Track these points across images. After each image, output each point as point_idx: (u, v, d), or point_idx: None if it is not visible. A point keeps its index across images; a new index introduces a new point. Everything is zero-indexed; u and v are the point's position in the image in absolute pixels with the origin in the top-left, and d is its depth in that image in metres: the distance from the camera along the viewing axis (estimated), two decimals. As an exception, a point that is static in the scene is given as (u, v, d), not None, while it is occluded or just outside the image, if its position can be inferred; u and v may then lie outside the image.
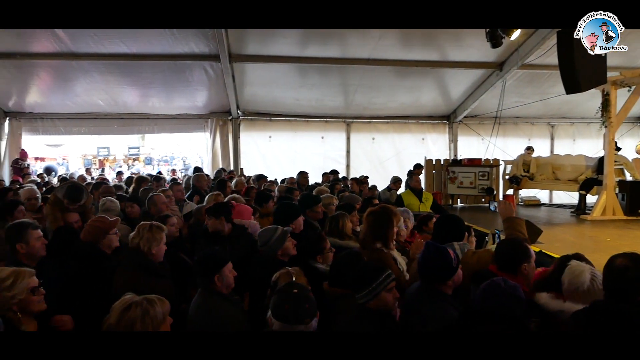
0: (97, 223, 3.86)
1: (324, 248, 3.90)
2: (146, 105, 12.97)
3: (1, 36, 9.39)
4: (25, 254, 3.42)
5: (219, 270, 3.03)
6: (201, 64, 10.71)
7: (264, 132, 13.71)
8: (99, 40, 9.58)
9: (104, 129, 14.05)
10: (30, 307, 2.65)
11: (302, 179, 9.65)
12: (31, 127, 13.48)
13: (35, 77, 11.58)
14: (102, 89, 11.95)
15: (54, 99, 12.76)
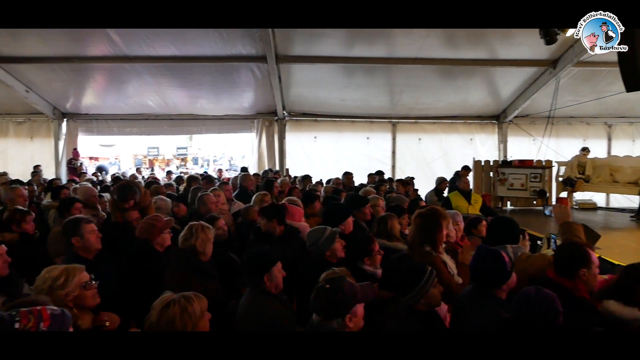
0: (152, 221, 3.96)
1: (372, 250, 3.84)
2: (195, 106, 13.26)
3: (60, 41, 9.81)
4: (81, 247, 3.54)
5: (268, 269, 3.04)
6: (248, 65, 10.83)
7: (309, 133, 13.76)
8: (150, 43, 9.85)
9: (154, 130, 14.50)
10: (84, 301, 2.72)
11: (347, 179, 9.60)
12: (87, 127, 14.09)
13: (91, 80, 12.07)
14: (153, 90, 12.31)
15: (108, 100, 13.26)
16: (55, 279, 2.67)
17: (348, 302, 2.48)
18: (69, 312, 2.14)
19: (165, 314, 2.32)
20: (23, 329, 1.93)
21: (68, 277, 2.68)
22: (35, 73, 11.44)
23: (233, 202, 6.91)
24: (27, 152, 13.74)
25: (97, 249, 3.63)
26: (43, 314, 2.00)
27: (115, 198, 4.83)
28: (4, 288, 3.11)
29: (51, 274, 2.70)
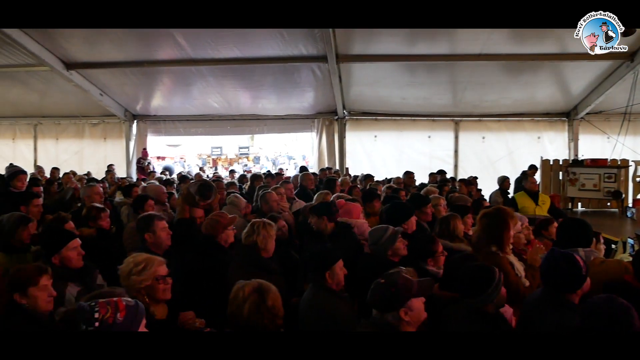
0: (217, 217, 4.08)
1: (435, 251, 3.77)
2: (256, 106, 13.55)
3: (131, 46, 10.31)
4: (153, 243, 3.70)
5: (330, 266, 3.07)
6: (309, 65, 10.92)
7: (369, 132, 13.69)
8: (215, 46, 10.14)
9: (218, 130, 14.95)
10: (155, 294, 2.82)
11: (408, 179, 9.47)
12: (155, 128, 14.75)
13: (159, 83, 12.62)
14: (216, 92, 12.68)
15: (175, 102, 13.81)
16: (136, 264, 2.81)
17: (402, 295, 2.50)
18: (142, 303, 2.25)
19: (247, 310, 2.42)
20: (101, 319, 2.05)
21: (146, 266, 2.81)
22: (109, 77, 12.10)
23: (295, 200, 6.98)
24: (100, 152, 14.55)
25: (167, 245, 3.77)
26: (119, 305, 2.12)
27: (194, 193, 5.02)
28: (79, 279, 3.30)
29: (135, 259, 2.86)
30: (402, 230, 4.00)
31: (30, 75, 11.84)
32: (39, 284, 2.66)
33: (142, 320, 2.17)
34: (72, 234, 3.50)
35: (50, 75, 11.53)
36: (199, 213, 5.03)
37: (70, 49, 10.45)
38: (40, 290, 2.66)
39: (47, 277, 2.72)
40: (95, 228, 4.66)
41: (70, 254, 3.30)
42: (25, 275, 2.67)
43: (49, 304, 2.70)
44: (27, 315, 2.63)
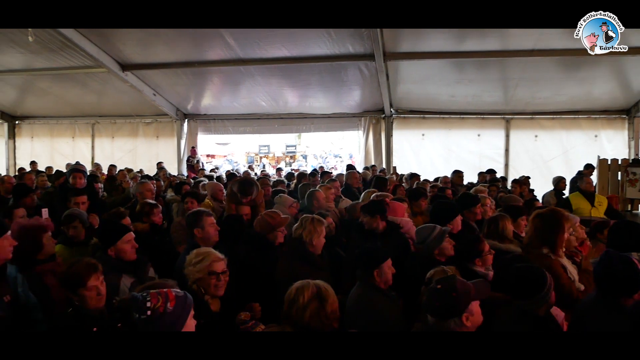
0: (269, 218, 4.16)
1: (482, 251, 3.69)
2: (304, 105, 13.64)
3: (183, 48, 10.59)
4: (201, 239, 3.82)
5: (378, 265, 3.08)
6: (356, 63, 10.89)
7: (416, 130, 13.51)
8: (263, 46, 10.28)
9: (266, 128, 15.15)
10: (207, 288, 2.92)
11: (457, 178, 9.28)
12: (205, 127, 15.14)
13: (209, 82, 12.93)
14: (264, 91, 12.85)
15: (224, 101, 14.11)
16: (196, 255, 2.94)
17: (463, 300, 2.41)
18: (190, 295, 2.34)
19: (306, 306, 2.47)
20: (153, 308, 2.15)
21: (202, 259, 2.92)
22: (161, 78, 12.48)
23: (341, 198, 7.00)
24: (153, 150, 15.05)
25: (215, 241, 3.87)
26: (169, 295, 2.21)
27: (236, 191, 5.14)
28: (132, 271, 3.45)
29: (198, 251, 2.98)
30: (449, 230, 3.94)
31: (89, 77, 12.37)
32: (87, 285, 2.72)
33: (190, 311, 2.25)
34: (126, 228, 3.65)
35: (107, 77, 12.02)
36: (245, 210, 5.16)
37: (125, 50, 10.85)
38: (88, 291, 2.73)
39: (96, 277, 2.77)
40: (149, 223, 4.85)
41: (125, 246, 3.44)
42: (75, 276, 2.73)
43: (98, 302, 2.77)
44: (79, 312, 2.73)
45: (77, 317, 2.70)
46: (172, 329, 2.18)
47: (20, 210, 4.81)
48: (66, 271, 2.80)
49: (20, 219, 4.07)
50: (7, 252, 2.92)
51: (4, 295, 2.81)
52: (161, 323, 2.15)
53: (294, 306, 2.47)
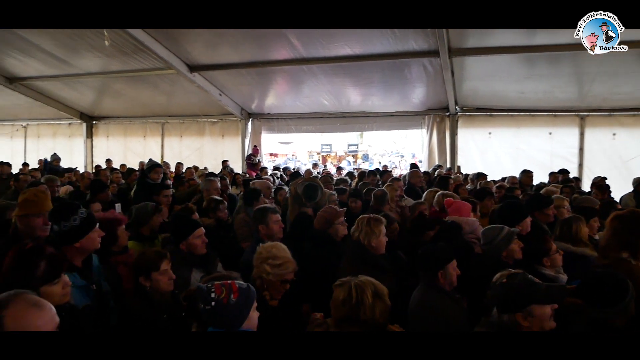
0: (325, 214, 4.19)
1: (548, 249, 3.51)
2: (366, 103, 13.55)
3: (248, 48, 10.80)
4: (265, 234, 3.89)
5: (443, 266, 2.99)
6: (420, 60, 10.66)
7: (483, 129, 13.03)
8: (326, 44, 10.30)
9: (328, 127, 15.20)
10: (274, 291, 3.01)
11: (526, 178, 8.91)
12: (269, 126, 15.40)
13: (273, 82, 13.11)
14: (327, 90, 12.89)
15: (287, 100, 14.29)
16: (274, 258, 3.02)
17: (520, 299, 2.37)
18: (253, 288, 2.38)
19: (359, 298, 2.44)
20: (217, 299, 2.21)
21: (282, 265, 3.01)
22: (227, 78, 12.81)
23: (403, 198, 6.91)
24: (219, 149, 15.45)
25: (279, 237, 3.93)
26: (233, 287, 2.28)
27: (300, 194, 5.23)
28: (202, 265, 3.56)
29: (279, 253, 3.06)
30: (518, 231, 3.78)
31: (159, 78, 12.89)
32: (160, 269, 2.94)
33: (253, 303, 2.31)
34: (197, 223, 3.81)
35: (176, 78, 12.47)
36: (308, 212, 5.21)
37: (193, 52, 11.22)
38: (161, 274, 2.95)
39: (166, 262, 3.00)
40: (214, 219, 5.00)
41: (196, 241, 3.59)
42: (148, 260, 2.97)
43: (169, 285, 2.99)
44: (149, 297, 2.92)
45: (149, 300, 2.89)
46: (235, 320, 2.24)
47: (96, 205, 5.11)
48: (140, 257, 3.03)
49: (97, 213, 4.30)
50: (96, 244, 3.12)
51: (91, 284, 3.00)
52: (225, 314, 2.21)
53: (361, 308, 2.39)
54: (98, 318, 2.90)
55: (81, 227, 3.01)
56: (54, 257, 2.44)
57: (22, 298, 1.76)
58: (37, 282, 2.30)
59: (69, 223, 2.99)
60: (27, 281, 2.24)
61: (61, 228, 2.98)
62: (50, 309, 1.78)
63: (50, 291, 2.31)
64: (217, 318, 2.23)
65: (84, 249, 3.01)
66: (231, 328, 2.23)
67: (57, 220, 3.02)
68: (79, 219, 3.02)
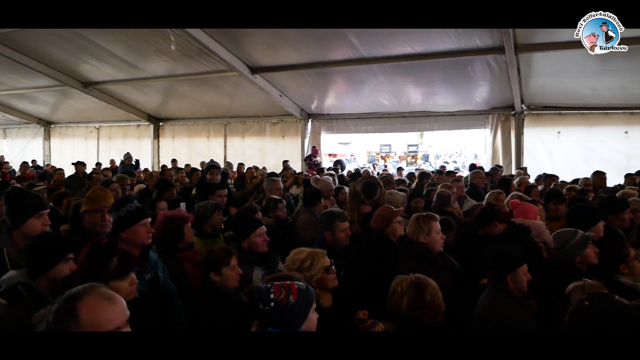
0: (382, 212, 4.14)
1: (627, 255, 3.27)
2: (427, 103, 13.30)
3: (307, 49, 10.89)
4: (332, 241, 3.89)
5: (513, 270, 2.85)
6: (484, 58, 10.32)
7: (551, 128, 12.42)
8: (386, 43, 10.18)
9: (388, 127, 15.04)
10: (325, 284, 3.02)
11: (598, 179, 8.39)
12: (328, 126, 15.46)
13: (333, 82, 13.14)
14: (387, 89, 12.75)
15: (346, 101, 14.27)
16: (303, 261, 3.03)
17: (611, 328, 2.01)
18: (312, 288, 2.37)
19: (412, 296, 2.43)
20: (276, 300, 2.21)
21: (313, 260, 3.01)
22: (287, 79, 12.96)
23: (466, 199, 6.73)
24: (279, 149, 15.68)
25: (344, 244, 3.94)
26: (292, 288, 2.26)
27: (359, 191, 5.21)
28: (263, 263, 3.63)
29: (299, 256, 3.07)
30: (593, 236, 3.55)
31: (222, 80, 13.23)
32: (230, 264, 3.05)
33: (312, 304, 2.29)
34: (259, 222, 3.89)
35: (238, 80, 12.77)
36: (367, 209, 5.21)
37: (255, 54, 11.43)
38: (230, 270, 3.05)
39: (234, 258, 3.10)
40: (274, 218, 5.05)
41: (257, 239, 3.67)
42: (219, 256, 3.07)
43: (236, 281, 3.09)
44: (219, 291, 3.00)
45: (219, 296, 2.98)
46: (295, 321, 2.23)
47: (162, 203, 5.29)
48: (211, 253, 3.12)
49: (163, 210, 4.46)
50: (143, 238, 3.21)
51: (145, 274, 3.13)
52: (284, 315, 2.20)
53: (393, 296, 2.45)
54: (152, 306, 2.96)
55: (126, 218, 3.16)
56: (126, 254, 2.54)
57: (96, 291, 1.82)
58: (109, 276, 2.40)
59: (117, 214, 3.19)
60: (100, 274, 2.34)
61: (113, 218, 3.20)
62: (121, 302, 1.84)
63: (119, 286, 2.39)
64: (276, 319, 2.22)
65: (130, 240, 3.09)
66: (290, 329, 2.22)
67: (111, 212, 3.26)
68: (125, 211, 3.16)
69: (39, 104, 18.28)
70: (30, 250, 2.54)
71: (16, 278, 2.40)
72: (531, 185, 7.64)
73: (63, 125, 20.26)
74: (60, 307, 1.77)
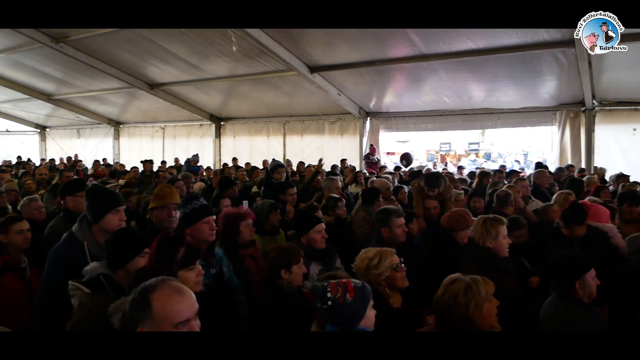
0: (459, 217, 4.04)
1: None
2: (490, 99, 12.87)
3: (366, 47, 10.81)
4: (388, 237, 3.87)
5: (580, 275, 2.71)
6: (552, 51, 9.84)
7: (626, 124, 11.66)
8: (447, 39, 9.94)
9: (448, 125, 14.67)
10: (394, 282, 2.97)
11: (680, 179, 7.85)
12: (386, 125, 15.31)
13: (392, 80, 12.99)
14: (448, 86, 12.46)
15: (406, 98, 14.08)
16: (370, 259, 2.99)
17: None
18: (369, 285, 2.36)
19: (449, 289, 2.35)
20: (333, 298, 2.22)
21: (381, 258, 2.98)
22: (346, 78, 12.94)
23: (530, 199, 6.47)
24: (338, 147, 15.69)
25: (400, 242, 3.90)
26: (348, 286, 2.28)
27: (423, 185, 5.15)
28: (321, 259, 3.67)
29: (367, 254, 3.04)
30: (673, 240, 3.32)
31: (281, 80, 13.40)
32: (300, 262, 3.13)
33: (369, 301, 2.29)
34: (318, 219, 3.94)
35: (297, 79, 12.90)
36: (432, 204, 5.16)
37: (313, 53, 11.49)
38: (299, 267, 3.12)
39: (302, 256, 3.18)
40: (334, 216, 5.07)
41: (316, 236, 3.73)
42: (291, 253, 3.14)
43: (302, 279, 3.16)
44: (282, 289, 3.07)
45: (284, 293, 3.05)
46: (352, 319, 2.24)
47: (226, 200, 5.45)
48: (282, 251, 3.18)
49: (226, 208, 4.60)
50: (207, 235, 3.31)
51: (211, 268, 3.22)
52: (341, 313, 2.22)
53: (444, 296, 2.36)
54: (216, 300, 3.02)
55: (191, 215, 3.30)
56: (192, 245, 2.64)
57: (168, 284, 1.91)
58: (176, 266, 2.50)
59: (183, 211, 3.35)
60: (168, 264, 2.47)
61: (180, 215, 3.36)
62: (190, 295, 1.91)
63: (186, 276, 2.48)
64: (334, 317, 2.24)
65: (194, 236, 3.17)
66: (348, 327, 2.23)
67: (179, 209, 3.44)
68: (190, 208, 3.29)
69: (109, 105, 19.29)
70: (111, 245, 2.71)
71: (98, 269, 2.57)
72: (601, 185, 7.23)
73: (131, 125, 21.26)
74: (136, 298, 1.87)
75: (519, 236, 4.21)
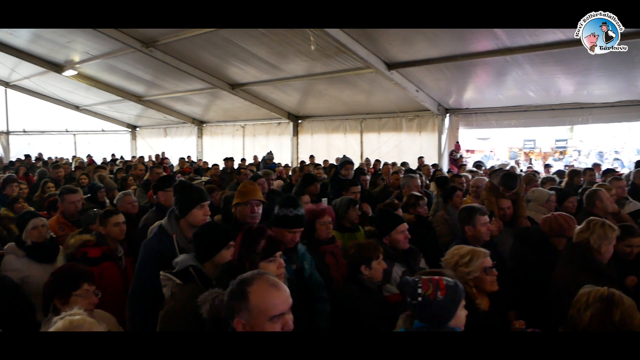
0: (564, 222, 3.87)
1: None
2: (580, 94, 12.07)
3: (445, 42, 10.50)
4: (472, 236, 3.73)
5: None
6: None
7: None
8: (533, 31, 9.41)
9: (533, 121, 13.95)
10: (483, 285, 2.88)
11: None
12: (467, 121, 14.82)
13: (472, 75, 12.54)
14: (533, 80, 11.83)
15: (487, 94, 13.55)
16: (462, 256, 2.93)
17: None
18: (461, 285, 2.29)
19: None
20: (423, 294, 2.19)
21: (473, 257, 2.90)
22: (424, 74, 12.66)
23: (627, 201, 6.01)
24: (416, 145, 15.44)
25: (485, 240, 3.77)
26: (440, 284, 2.23)
27: (498, 184, 4.98)
28: (404, 260, 3.60)
29: (459, 251, 2.98)
30: None
31: (359, 78, 13.38)
32: (379, 258, 3.19)
33: (461, 301, 2.24)
34: (401, 219, 3.89)
35: (374, 76, 12.80)
36: (506, 203, 4.99)
37: (391, 50, 11.35)
38: (379, 264, 3.18)
39: (381, 252, 3.24)
40: (414, 214, 4.99)
41: (399, 236, 3.70)
42: (370, 250, 3.20)
43: (382, 275, 3.22)
44: (363, 285, 3.12)
45: (366, 289, 3.11)
46: (442, 317, 2.21)
47: (306, 197, 5.53)
48: (361, 247, 3.26)
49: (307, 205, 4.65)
50: (286, 239, 3.36)
51: (292, 264, 3.31)
52: (431, 310, 2.19)
53: (576, 305, 2.25)
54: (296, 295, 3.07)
55: (282, 220, 3.39)
56: (273, 237, 2.71)
57: (264, 278, 1.96)
58: (257, 257, 2.58)
59: (281, 212, 3.40)
60: (249, 255, 2.56)
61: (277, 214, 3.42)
62: (285, 290, 1.96)
63: (267, 268, 2.54)
64: (423, 313, 2.22)
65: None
66: (437, 324, 2.20)
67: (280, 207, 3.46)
68: (284, 213, 3.39)
69: (193, 105, 20.24)
70: (198, 238, 2.83)
71: (188, 261, 2.69)
72: None
73: (213, 124, 22.18)
74: (234, 289, 1.95)
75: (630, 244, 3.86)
